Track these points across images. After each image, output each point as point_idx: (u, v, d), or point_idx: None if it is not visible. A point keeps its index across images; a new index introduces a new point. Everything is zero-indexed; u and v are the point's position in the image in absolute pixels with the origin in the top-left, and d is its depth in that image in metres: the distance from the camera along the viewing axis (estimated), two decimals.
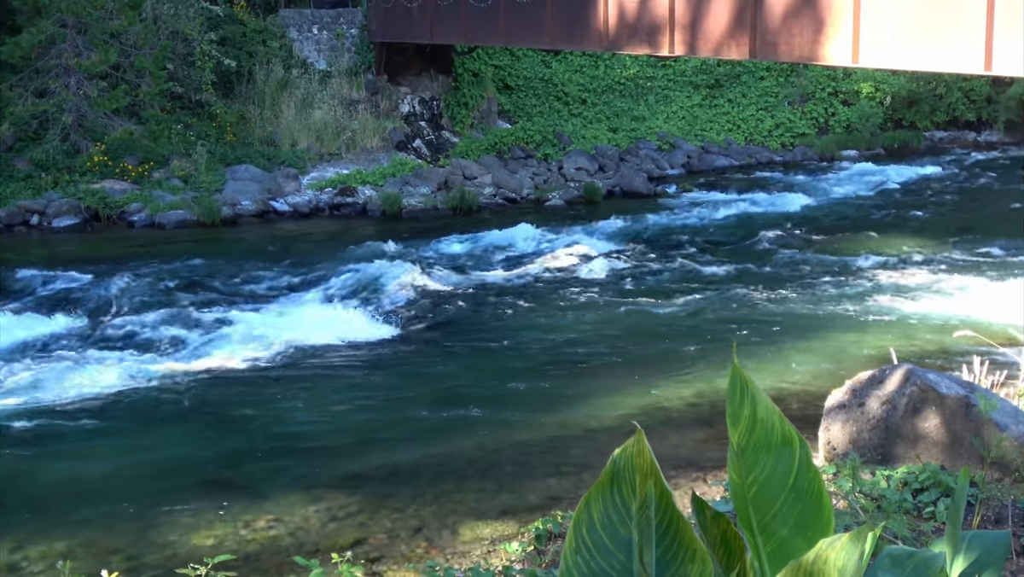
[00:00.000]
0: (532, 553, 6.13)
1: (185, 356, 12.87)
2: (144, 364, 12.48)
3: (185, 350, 13.14)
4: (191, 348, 13.21)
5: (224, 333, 13.75)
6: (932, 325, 13.31)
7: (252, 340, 13.43)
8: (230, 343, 13.33)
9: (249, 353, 12.95)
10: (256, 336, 13.58)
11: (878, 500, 5.87)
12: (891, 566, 3.00)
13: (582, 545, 2.86)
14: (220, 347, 13.19)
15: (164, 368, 12.35)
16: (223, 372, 12.30)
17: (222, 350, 13.06)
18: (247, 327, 13.98)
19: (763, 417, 2.93)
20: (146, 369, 12.28)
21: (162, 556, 7.65)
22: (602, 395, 11.23)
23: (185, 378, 12.04)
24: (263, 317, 14.49)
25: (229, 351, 13.02)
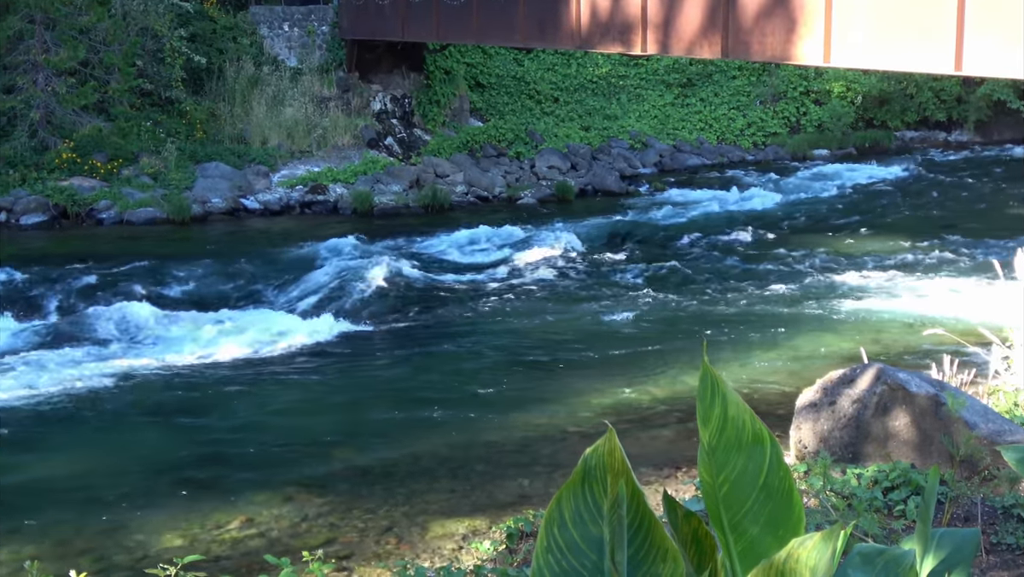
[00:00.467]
0: (503, 552, 6.12)
1: (154, 355, 12.79)
2: (113, 364, 12.40)
3: (154, 349, 13.06)
4: (160, 347, 13.14)
5: (193, 333, 13.68)
6: (902, 324, 13.37)
7: (222, 340, 13.38)
8: (200, 342, 13.28)
9: (219, 352, 12.89)
10: (226, 335, 13.53)
11: (849, 498, 5.89)
12: (862, 564, 3.01)
13: (553, 544, 2.85)
14: (190, 347, 13.13)
15: (133, 367, 12.27)
16: (192, 372, 12.24)
17: (192, 350, 13.01)
18: (217, 326, 13.92)
19: (734, 416, 2.93)
20: (115, 369, 12.20)
21: (131, 557, 7.61)
22: (573, 394, 11.23)
23: (154, 378, 11.98)
24: (233, 316, 14.42)
25: (199, 351, 12.96)
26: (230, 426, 10.60)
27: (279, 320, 14.20)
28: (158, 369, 12.25)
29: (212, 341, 13.29)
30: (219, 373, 12.20)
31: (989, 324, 9.82)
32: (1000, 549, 5.35)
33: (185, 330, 13.76)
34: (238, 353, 12.86)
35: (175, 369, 12.27)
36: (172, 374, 12.10)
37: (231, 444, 10.12)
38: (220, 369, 12.33)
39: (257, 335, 13.45)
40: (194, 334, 13.59)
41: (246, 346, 13.09)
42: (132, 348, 13.10)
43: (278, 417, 10.84)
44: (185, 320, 14.15)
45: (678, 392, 11.11)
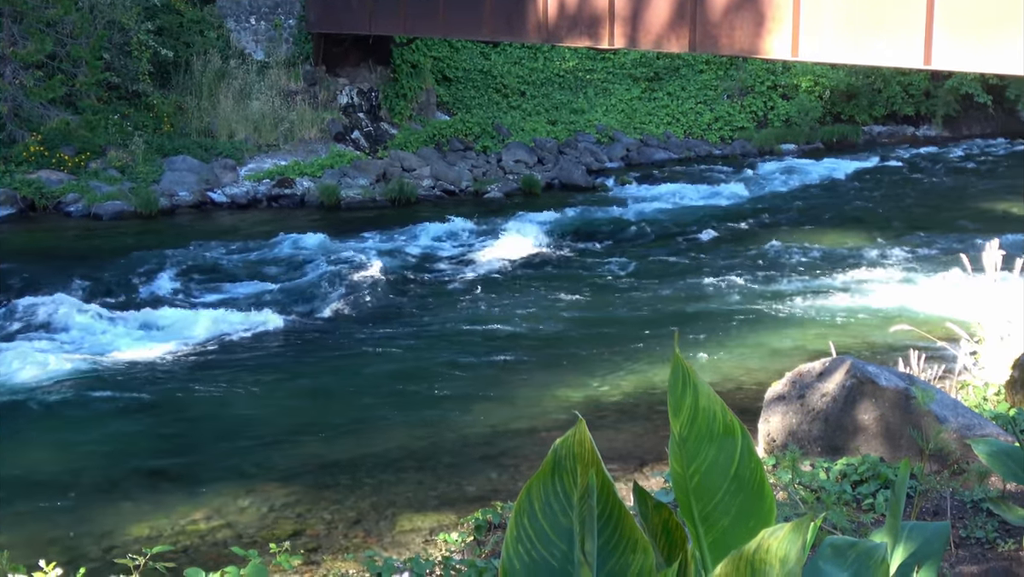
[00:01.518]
0: (472, 544, 6.10)
1: (122, 348, 12.70)
2: (79, 356, 12.32)
3: (122, 342, 12.98)
4: (128, 340, 13.06)
5: (161, 325, 13.62)
6: (870, 319, 13.42)
7: (189, 332, 13.31)
8: (167, 335, 13.22)
9: (186, 345, 12.83)
10: (193, 328, 13.46)
11: (818, 492, 5.89)
12: (832, 556, 2.99)
13: (523, 534, 2.82)
14: (157, 339, 13.07)
15: (99, 360, 12.20)
16: (159, 364, 12.17)
17: (159, 342, 12.94)
18: (184, 319, 13.85)
19: (705, 407, 2.91)
20: (81, 362, 12.12)
21: (100, 547, 7.58)
22: (541, 388, 11.22)
23: (121, 370, 11.91)
24: (200, 309, 14.36)
25: (166, 343, 12.89)
26: (196, 418, 10.55)
27: (247, 313, 14.13)
28: (124, 362, 12.17)
29: (180, 334, 13.22)
30: (186, 366, 12.14)
31: (958, 319, 9.87)
32: (970, 543, 5.36)
33: (153, 323, 13.69)
34: (206, 346, 12.80)
35: (142, 362, 12.20)
36: (139, 367, 12.03)
37: (198, 436, 10.07)
38: (187, 362, 12.27)
39: (225, 328, 13.40)
40: (162, 327, 13.53)
41: (214, 339, 13.03)
42: (99, 341, 13.01)
43: (244, 409, 10.79)
44: (153, 313, 14.08)
45: (646, 386, 11.12)
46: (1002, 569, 5.02)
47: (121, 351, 12.56)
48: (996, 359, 8.81)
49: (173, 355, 12.46)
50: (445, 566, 5.35)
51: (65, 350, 12.56)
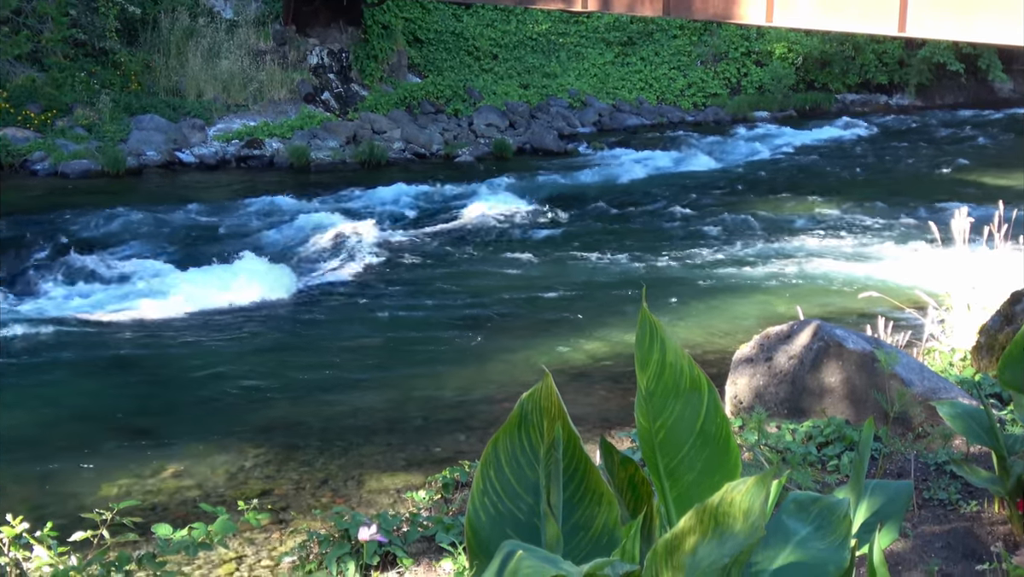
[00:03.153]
0: (439, 501, 6.11)
1: (90, 307, 12.64)
2: (46, 315, 12.25)
3: (89, 301, 12.91)
4: (96, 299, 12.99)
5: (130, 284, 13.55)
6: (839, 286, 13.47)
7: (158, 292, 13.24)
8: (136, 295, 13.15)
9: (155, 305, 12.76)
10: (162, 288, 13.40)
11: (783, 453, 5.93)
12: (796, 511, 3.01)
13: (489, 487, 2.83)
14: (126, 299, 12.99)
15: (66, 319, 12.14)
16: (129, 324, 12.12)
17: (128, 301, 12.87)
18: (153, 279, 13.78)
19: (672, 361, 2.92)
20: (48, 320, 12.05)
21: (68, 505, 7.56)
22: (509, 351, 11.23)
23: (90, 330, 11.85)
24: (170, 269, 14.27)
25: (135, 303, 12.82)
26: (165, 378, 10.52)
27: (216, 274, 14.05)
28: (93, 322, 12.11)
29: (148, 294, 13.15)
30: (155, 325, 12.09)
31: (926, 287, 9.92)
32: (932, 504, 5.40)
33: (121, 283, 13.61)
34: (174, 306, 12.73)
35: (111, 322, 12.14)
36: (108, 327, 11.97)
37: (166, 396, 10.05)
38: (156, 321, 12.22)
39: (193, 288, 13.32)
40: (130, 287, 13.45)
41: (182, 299, 12.96)
42: (66, 300, 12.93)
43: (213, 370, 10.76)
44: (121, 273, 14.00)
45: (613, 350, 11.14)
46: (964, 530, 5.06)
47: (90, 311, 12.49)
48: (963, 326, 8.87)
49: (143, 315, 12.40)
50: (412, 522, 5.36)
51: (32, 309, 12.48)
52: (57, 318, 12.14)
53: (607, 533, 2.79)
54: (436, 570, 4.88)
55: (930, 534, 5.05)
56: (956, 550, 4.87)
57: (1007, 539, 4.92)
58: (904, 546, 4.90)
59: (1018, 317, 7.38)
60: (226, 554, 6.32)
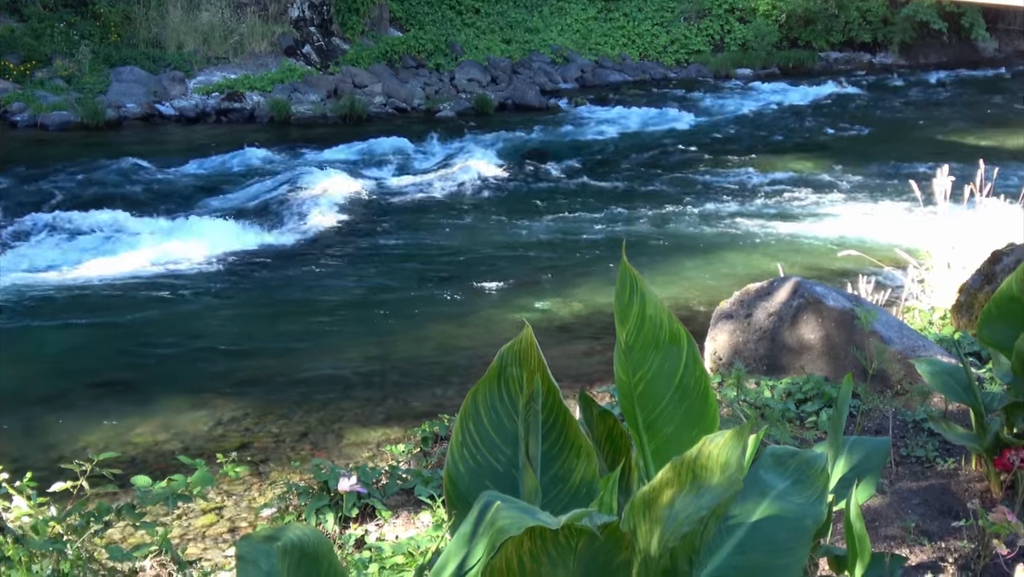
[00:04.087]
0: (418, 455, 6.11)
1: (68, 261, 12.58)
2: (25, 267, 12.19)
3: (68, 255, 12.85)
4: (74, 253, 12.93)
5: (108, 238, 13.49)
6: (819, 245, 13.48)
7: (137, 246, 13.19)
8: (114, 248, 13.09)
9: (134, 259, 12.71)
10: (141, 242, 13.35)
11: (762, 409, 5.94)
12: (773, 465, 3.01)
13: (468, 439, 2.83)
14: (104, 252, 12.94)
15: (46, 272, 12.08)
16: (107, 278, 12.06)
17: (106, 255, 12.81)
18: (132, 233, 13.73)
19: (652, 315, 2.91)
20: (27, 273, 11.99)
21: (48, 458, 7.53)
22: (489, 307, 11.23)
23: (68, 283, 11.79)
24: (149, 223, 14.22)
25: (113, 256, 12.77)
26: (145, 332, 10.49)
27: (195, 228, 14.00)
28: (70, 275, 12.06)
29: (126, 247, 13.10)
30: (135, 279, 12.04)
31: (906, 246, 9.93)
32: (910, 461, 5.42)
33: (99, 236, 13.54)
34: (154, 259, 12.69)
35: (87, 275, 12.09)
36: (84, 280, 11.92)
37: (146, 349, 10.02)
38: (136, 275, 12.17)
39: (172, 242, 13.27)
40: (108, 240, 13.39)
41: (162, 252, 12.91)
42: (44, 253, 12.86)
43: (191, 323, 10.73)
44: (99, 226, 13.92)
45: (593, 308, 11.14)
46: (941, 487, 5.09)
47: (68, 265, 12.43)
48: (943, 285, 8.88)
49: (120, 269, 12.34)
50: (391, 475, 5.36)
51: (8, 263, 12.41)
52: (34, 272, 12.08)
53: (585, 485, 2.79)
54: (415, 522, 4.89)
55: (907, 491, 5.07)
56: (933, 507, 4.90)
57: (984, 496, 4.95)
58: (881, 502, 4.92)
59: (998, 276, 7.40)
60: (205, 506, 6.32)
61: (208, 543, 5.84)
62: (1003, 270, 7.44)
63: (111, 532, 5.55)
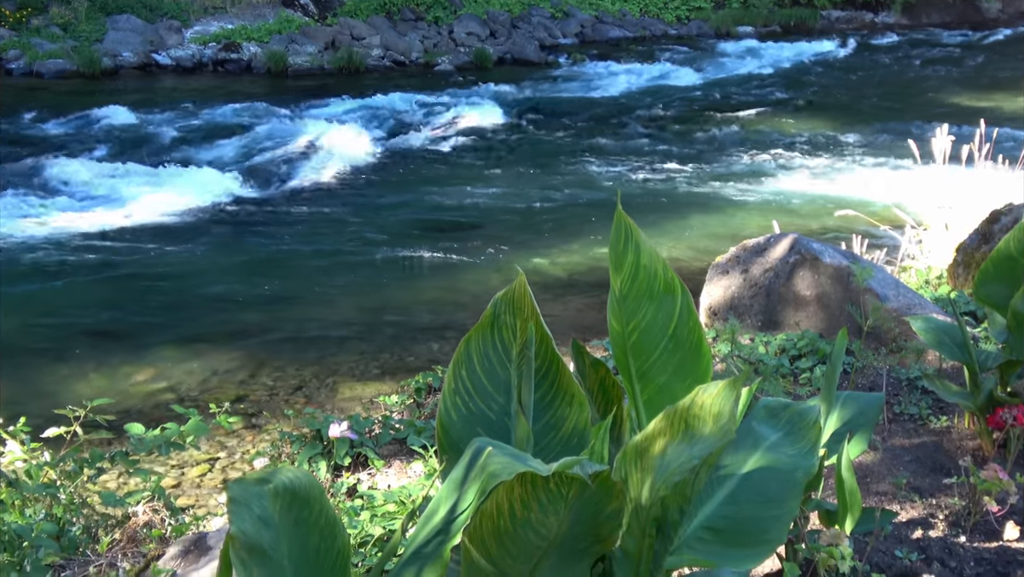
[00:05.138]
0: (411, 406, 6.11)
1: (65, 209, 12.56)
2: (20, 216, 12.15)
3: (65, 203, 12.83)
4: (69, 202, 12.90)
5: (103, 188, 13.45)
6: (817, 204, 13.44)
7: (131, 196, 13.16)
8: (109, 198, 13.06)
9: (131, 208, 12.69)
10: (135, 192, 13.31)
11: (756, 364, 5.94)
12: (766, 417, 3.01)
13: (461, 386, 2.82)
14: (99, 202, 12.91)
15: (42, 221, 12.05)
16: (103, 226, 12.04)
17: (100, 205, 12.79)
18: (127, 182, 13.69)
19: (646, 264, 2.90)
20: (23, 221, 11.96)
21: (42, 405, 7.52)
22: (484, 262, 11.21)
23: (62, 232, 11.77)
24: (144, 173, 14.20)
25: (107, 206, 12.74)
26: (141, 281, 10.48)
27: (191, 178, 13.98)
28: (68, 223, 12.04)
29: (125, 196, 13.08)
30: (131, 229, 12.02)
31: (904, 207, 9.91)
32: (903, 419, 5.43)
33: (94, 186, 13.51)
34: (150, 209, 12.66)
35: (85, 223, 12.07)
36: (82, 228, 11.90)
37: (142, 299, 10.01)
38: (132, 225, 12.15)
39: (171, 192, 13.25)
40: (107, 189, 13.37)
41: (159, 203, 12.89)
42: (42, 201, 12.84)
43: (185, 275, 10.72)
44: (95, 176, 13.89)
45: (589, 263, 11.12)
46: (933, 444, 5.10)
47: (63, 214, 12.40)
48: (940, 245, 8.87)
49: (115, 219, 12.32)
50: (384, 425, 5.36)
51: (6, 210, 12.38)
52: (28, 221, 12.05)
53: (577, 434, 2.79)
54: (407, 472, 4.89)
55: (899, 448, 5.08)
56: (925, 464, 4.91)
57: (976, 454, 4.96)
58: (873, 459, 4.93)
59: (996, 235, 7.39)
60: (199, 456, 6.34)
61: (202, 493, 5.86)
62: (1001, 230, 7.43)
63: (104, 479, 5.57)
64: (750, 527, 2.79)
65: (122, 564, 4.03)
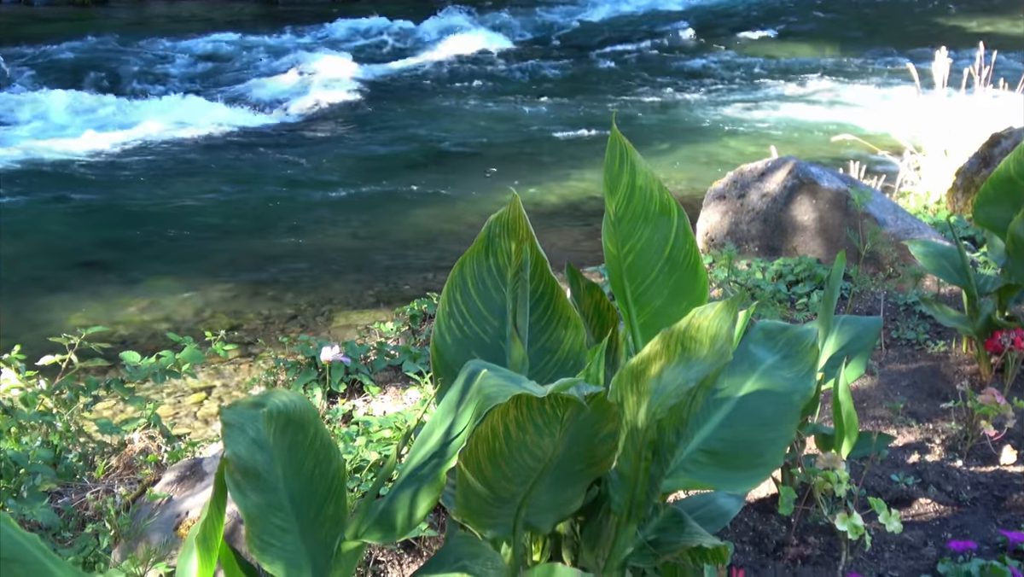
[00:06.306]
0: (407, 332, 6.10)
1: (57, 138, 12.49)
2: (10, 147, 12.08)
3: (57, 132, 12.75)
4: (60, 132, 12.83)
5: (93, 117, 13.39)
6: (814, 130, 13.37)
7: (122, 125, 13.09)
8: (100, 127, 13.00)
9: (124, 137, 12.62)
10: (126, 120, 13.26)
11: (752, 290, 5.92)
12: (763, 339, 2.99)
13: (455, 310, 2.80)
14: (93, 131, 12.83)
15: (35, 151, 11.98)
16: (95, 156, 11.97)
17: (91, 134, 12.70)
18: (117, 111, 13.63)
19: (642, 185, 2.87)
20: (16, 152, 11.89)
21: (37, 335, 7.50)
22: (479, 191, 11.15)
23: (54, 162, 11.71)
24: (134, 102, 14.12)
25: (98, 135, 12.67)
26: (134, 211, 10.43)
27: (181, 107, 13.90)
28: (62, 154, 11.97)
29: (117, 125, 13.00)
30: (123, 158, 11.95)
31: (903, 132, 9.84)
32: (900, 344, 5.42)
33: (85, 115, 13.43)
34: (143, 138, 12.60)
35: (78, 153, 12.00)
36: (74, 158, 11.83)
37: (135, 229, 9.97)
38: (124, 154, 12.08)
39: (162, 121, 13.17)
40: (94, 119, 13.29)
41: (151, 132, 12.82)
42: (35, 132, 12.76)
43: (178, 204, 10.67)
44: (86, 105, 13.81)
45: (584, 192, 11.07)
46: (930, 369, 5.09)
47: (56, 142, 12.33)
48: (939, 171, 8.82)
49: (106, 148, 12.25)
50: (379, 352, 5.35)
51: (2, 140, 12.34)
52: (20, 150, 11.98)
53: (573, 357, 2.77)
54: (403, 398, 4.89)
55: (896, 372, 5.08)
56: (922, 389, 4.90)
57: (973, 379, 4.95)
58: (870, 383, 4.93)
59: (995, 159, 7.35)
60: (195, 385, 6.34)
61: (198, 422, 5.86)
62: (1001, 153, 7.38)
63: (100, 408, 5.56)
64: (746, 450, 2.78)
65: (118, 490, 4.03)
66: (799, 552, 3.53)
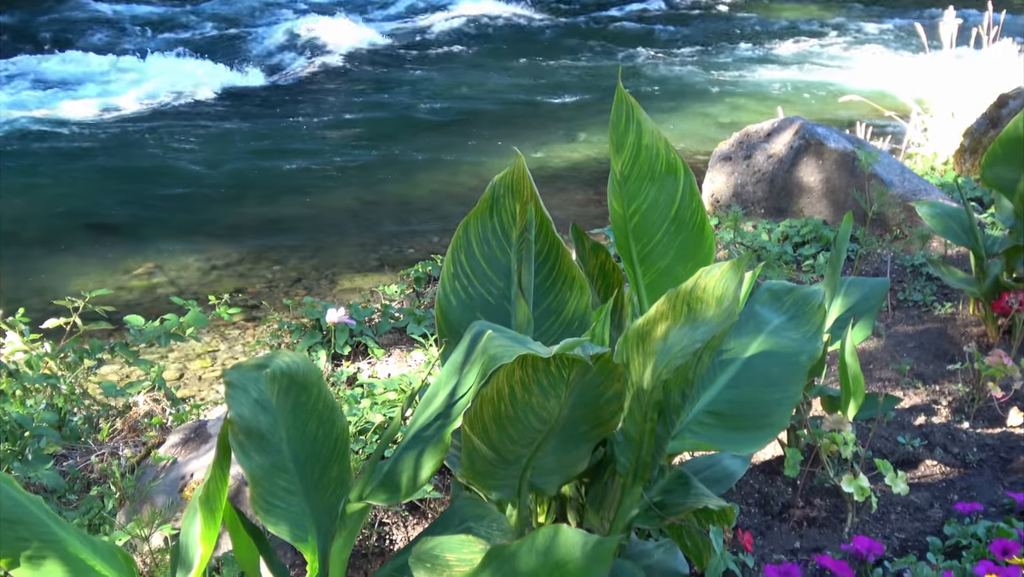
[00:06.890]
0: (411, 295, 6.09)
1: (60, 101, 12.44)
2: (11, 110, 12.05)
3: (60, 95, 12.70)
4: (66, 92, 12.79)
5: (94, 78, 13.35)
6: (820, 91, 13.31)
7: (124, 86, 13.05)
8: (101, 89, 12.96)
9: (126, 99, 12.58)
10: (127, 81, 13.22)
11: (758, 251, 5.89)
12: (770, 300, 2.97)
13: (460, 271, 2.78)
14: (96, 93, 12.79)
15: (38, 114, 11.95)
16: (98, 118, 11.94)
17: (93, 96, 12.67)
18: (117, 72, 13.60)
19: (648, 144, 2.84)
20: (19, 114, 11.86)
21: (42, 299, 7.51)
22: (486, 154, 11.12)
23: (59, 123, 11.68)
24: (133, 62, 14.08)
25: (100, 97, 12.63)
26: (138, 174, 10.40)
27: (189, 68, 13.84)
28: (63, 115, 11.93)
29: (120, 87, 12.96)
30: (126, 120, 11.92)
31: (910, 93, 9.78)
32: (907, 305, 5.40)
33: (85, 76, 13.38)
34: (146, 100, 12.55)
35: (81, 115, 11.97)
36: (72, 121, 11.79)
37: (139, 192, 9.94)
38: (127, 116, 12.05)
39: (164, 82, 13.12)
40: (102, 80, 13.25)
41: (153, 93, 12.78)
42: (37, 94, 12.72)
43: (180, 166, 10.64)
44: (85, 67, 13.77)
45: (591, 155, 11.03)
46: (937, 331, 5.07)
47: (59, 105, 12.30)
48: (947, 132, 8.77)
49: (108, 110, 12.22)
50: (384, 314, 5.34)
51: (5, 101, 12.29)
52: (18, 113, 11.95)
53: (578, 318, 2.75)
54: (407, 360, 4.88)
55: (903, 334, 5.06)
56: (929, 350, 4.89)
57: (980, 340, 4.93)
58: (876, 345, 4.91)
59: (1004, 119, 7.30)
60: (200, 349, 6.32)
61: (203, 386, 5.86)
62: (1009, 114, 7.34)
63: (104, 371, 5.56)
64: (752, 411, 2.77)
65: (123, 452, 4.03)
66: (805, 514, 3.52)
